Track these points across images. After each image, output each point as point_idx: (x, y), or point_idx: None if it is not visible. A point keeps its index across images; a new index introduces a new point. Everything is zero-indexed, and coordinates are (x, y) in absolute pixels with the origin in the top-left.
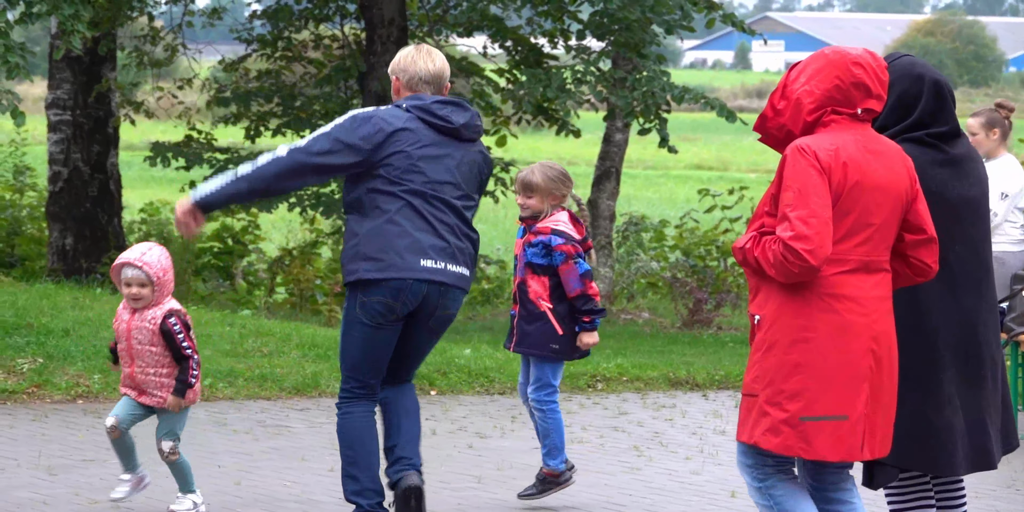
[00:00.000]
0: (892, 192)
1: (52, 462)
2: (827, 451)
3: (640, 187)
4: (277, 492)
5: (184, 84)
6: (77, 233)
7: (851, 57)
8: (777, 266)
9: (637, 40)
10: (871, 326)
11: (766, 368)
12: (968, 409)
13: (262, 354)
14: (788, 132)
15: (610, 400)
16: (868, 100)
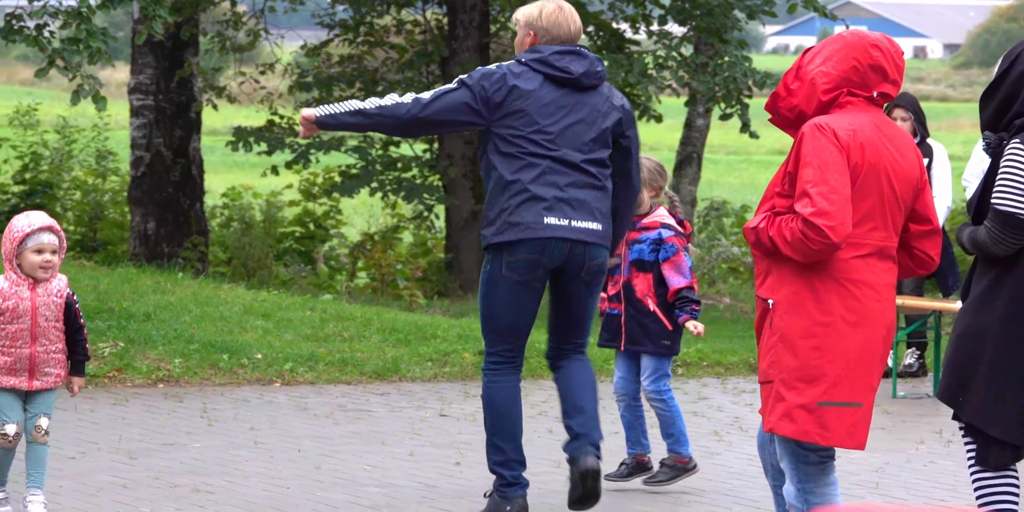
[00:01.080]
0: (905, 178)
1: (132, 446)
2: (844, 438)
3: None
4: (357, 476)
5: (266, 69)
6: (159, 217)
7: (870, 40)
8: (795, 244)
9: (719, 25)
10: (885, 314)
11: (782, 354)
12: None
13: (343, 338)
14: (800, 113)
15: (690, 385)
16: (884, 84)
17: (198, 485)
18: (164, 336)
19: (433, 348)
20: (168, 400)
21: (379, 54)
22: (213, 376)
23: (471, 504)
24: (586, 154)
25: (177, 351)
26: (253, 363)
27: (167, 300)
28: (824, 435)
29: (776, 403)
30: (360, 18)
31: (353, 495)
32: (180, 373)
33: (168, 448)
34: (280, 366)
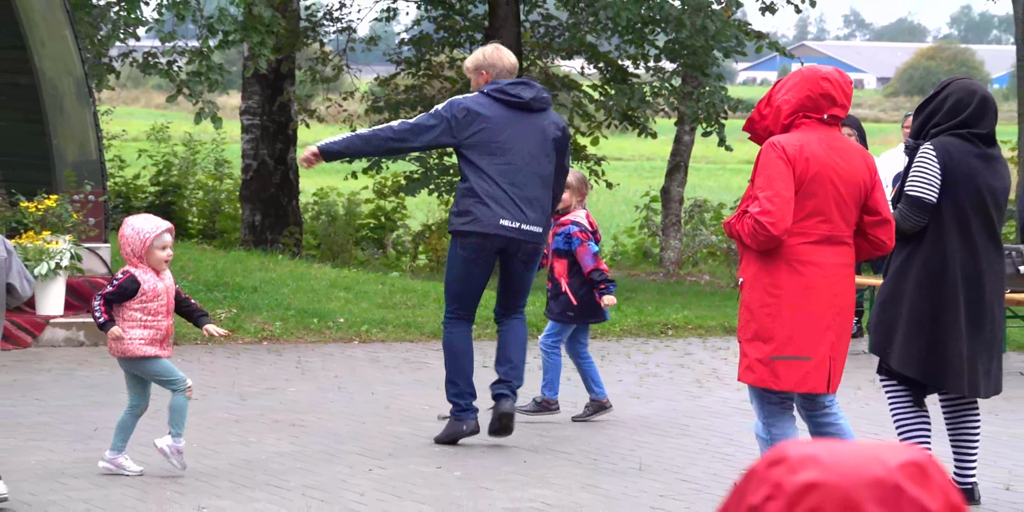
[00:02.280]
0: (852, 182)
1: (242, 390)
2: (793, 384)
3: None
4: (418, 414)
5: (347, 96)
6: (264, 212)
7: (821, 74)
8: (750, 236)
9: (701, 62)
10: (832, 286)
11: (746, 319)
12: (971, 346)
13: (407, 306)
14: (770, 132)
15: (678, 343)
16: (834, 108)
17: (293, 420)
18: (267, 304)
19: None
20: (270, 354)
21: (436, 84)
22: (305, 335)
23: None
24: (533, 159)
25: (277, 316)
26: (337, 325)
27: (269, 276)
28: (776, 382)
29: (742, 358)
30: (421, 56)
31: (415, 428)
32: (280, 333)
33: (270, 391)
34: (358, 328)
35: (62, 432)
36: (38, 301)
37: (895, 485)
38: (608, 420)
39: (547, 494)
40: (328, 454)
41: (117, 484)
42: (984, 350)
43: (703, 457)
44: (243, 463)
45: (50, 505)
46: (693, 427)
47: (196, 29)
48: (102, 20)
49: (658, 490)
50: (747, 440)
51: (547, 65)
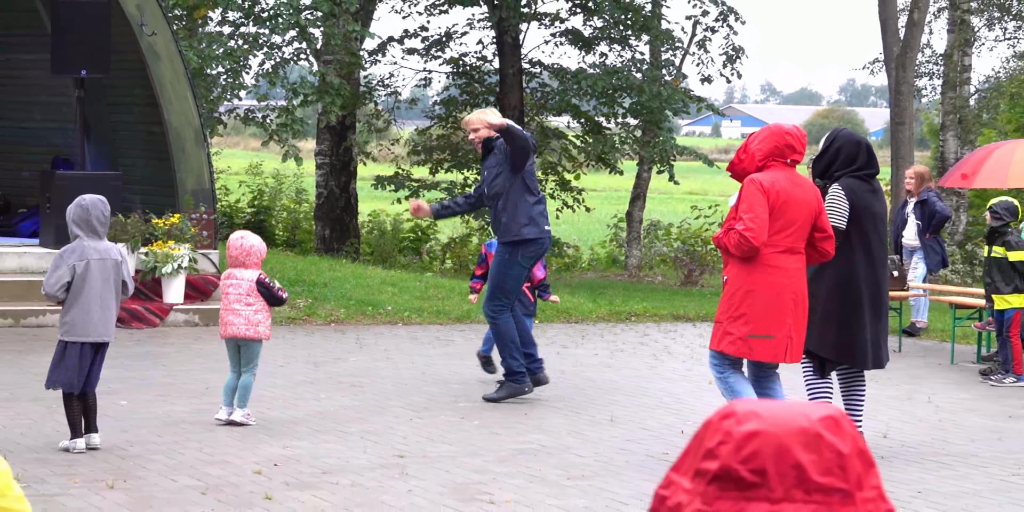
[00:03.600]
0: (806, 207)
1: (316, 359)
2: (762, 355)
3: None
4: (446, 378)
5: (394, 142)
6: (332, 227)
7: (785, 130)
8: (735, 246)
9: (657, 119)
10: (791, 285)
11: (728, 306)
12: (873, 331)
13: (438, 298)
14: (746, 171)
15: (638, 327)
16: (794, 155)
17: (353, 382)
18: (334, 296)
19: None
20: (336, 333)
21: (459, 134)
22: (362, 319)
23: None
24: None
25: (341, 304)
26: (386, 312)
27: (336, 275)
28: (751, 354)
29: (724, 335)
30: (449, 113)
31: (444, 389)
32: (344, 317)
33: (336, 361)
34: (401, 314)
35: (181, 391)
36: (165, 292)
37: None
38: (587, 384)
39: (542, 438)
40: (379, 407)
41: (222, 430)
42: (882, 332)
43: (658, 412)
44: (316, 414)
45: (172, 444)
46: (651, 390)
47: (283, 92)
48: (214, 85)
49: (625, 436)
50: (691, 399)
51: (542, 120)
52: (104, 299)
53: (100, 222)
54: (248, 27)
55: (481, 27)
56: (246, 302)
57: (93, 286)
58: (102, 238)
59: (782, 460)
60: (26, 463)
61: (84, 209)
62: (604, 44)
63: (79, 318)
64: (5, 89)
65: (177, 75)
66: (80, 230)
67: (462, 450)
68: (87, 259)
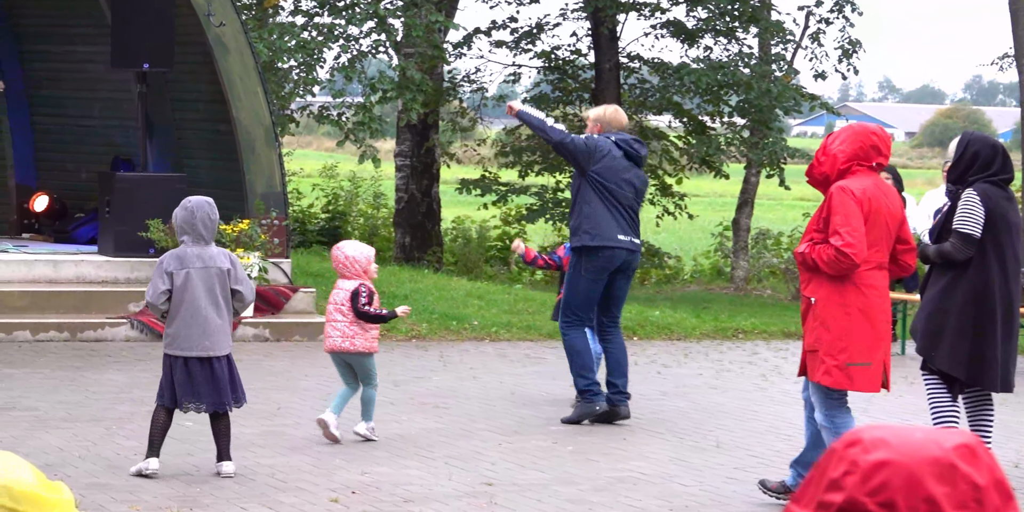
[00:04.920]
0: (893, 217)
1: (396, 378)
2: (863, 386)
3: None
4: (536, 398)
5: (480, 142)
6: (412, 235)
7: (870, 129)
8: (831, 264)
9: (766, 118)
10: (883, 305)
11: (822, 333)
12: (1003, 351)
13: (528, 312)
14: (826, 177)
15: (746, 345)
16: (879, 157)
17: (437, 403)
18: (416, 309)
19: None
20: (418, 350)
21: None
22: (446, 335)
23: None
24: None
25: (424, 319)
26: (472, 327)
27: (417, 287)
28: (852, 385)
29: (819, 365)
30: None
31: (535, 411)
32: (426, 333)
33: (418, 380)
34: (489, 329)
35: (251, 411)
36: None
37: (950, 463)
38: (691, 406)
39: (643, 465)
40: (465, 430)
41: (296, 454)
42: (1012, 353)
43: (768, 437)
44: (397, 437)
45: (242, 469)
46: (760, 413)
47: (360, 88)
48: (286, 80)
49: (732, 464)
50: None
51: (641, 120)
52: (208, 310)
53: (206, 226)
54: (323, 17)
55: (575, 18)
56: (341, 313)
57: (195, 296)
58: (209, 244)
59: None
60: (84, 488)
61: (189, 212)
62: (709, 37)
63: (180, 331)
64: (63, 84)
65: (246, 69)
66: (184, 235)
67: (555, 478)
68: (187, 268)
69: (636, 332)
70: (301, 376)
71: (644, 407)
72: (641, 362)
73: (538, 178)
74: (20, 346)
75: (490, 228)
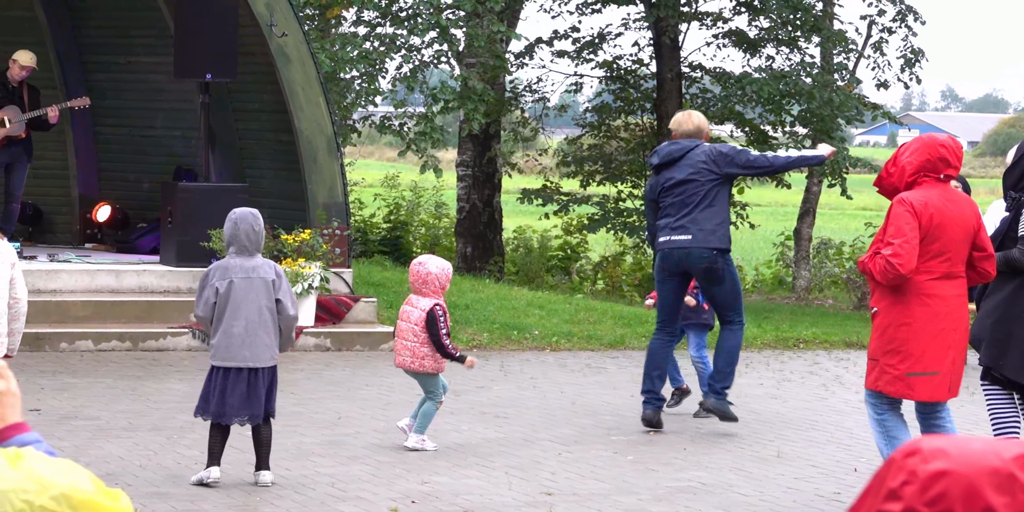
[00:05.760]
0: (963, 227)
1: (456, 388)
2: (924, 395)
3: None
4: (598, 408)
5: (542, 152)
6: (474, 245)
7: (939, 141)
8: (881, 273)
9: (828, 127)
10: (951, 314)
11: (883, 342)
12: None
13: (589, 322)
14: (895, 187)
15: (807, 355)
16: (948, 169)
17: (497, 413)
18: (476, 319)
19: (645, 329)
20: (479, 359)
21: (613, 144)
22: (507, 345)
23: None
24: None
25: (484, 328)
26: (532, 337)
27: (478, 296)
28: (911, 394)
29: (881, 374)
30: (601, 121)
31: (596, 421)
32: (487, 342)
33: (479, 390)
34: (549, 339)
35: (312, 420)
36: None
37: (1010, 474)
38: (752, 416)
39: (703, 475)
40: (525, 440)
41: (356, 463)
42: None
43: (829, 447)
44: (457, 447)
45: (302, 478)
46: (821, 423)
47: (422, 98)
48: (348, 90)
49: (793, 473)
50: (865, 434)
51: None
52: (251, 321)
53: (249, 238)
54: (385, 27)
55: (637, 28)
56: (413, 333)
57: (238, 307)
58: (253, 255)
59: (972, 503)
60: (145, 497)
61: (233, 223)
62: (771, 46)
63: (222, 341)
64: (126, 94)
65: (309, 79)
66: (230, 246)
67: (615, 487)
68: (230, 278)
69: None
70: (362, 386)
71: (704, 417)
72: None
73: (600, 188)
74: (82, 356)
75: (551, 238)
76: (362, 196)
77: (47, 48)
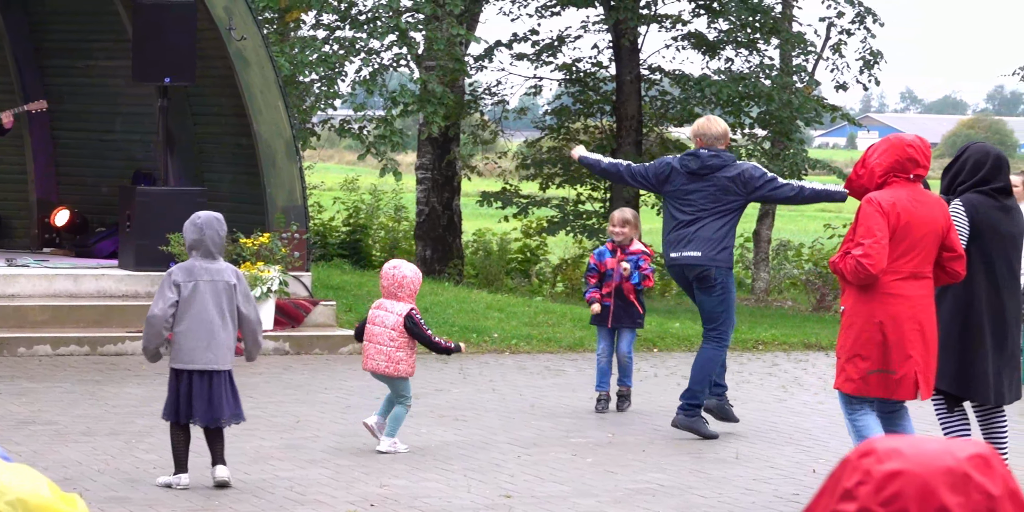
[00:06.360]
0: (932, 227)
1: (416, 391)
2: (880, 391)
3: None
4: (557, 411)
5: (501, 155)
6: (433, 248)
7: (907, 141)
8: (852, 273)
9: (787, 130)
10: (916, 315)
11: (847, 341)
12: (996, 364)
13: (548, 324)
14: (865, 188)
15: (766, 356)
16: (917, 169)
17: (456, 416)
18: (436, 321)
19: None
20: (438, 362)
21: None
22: (467, 347)
23: (621, 425)
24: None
25: (443, 331)
26: (491, 340)
27: (438, 299)
28: (869, 391)
29: (841, 372)
30: (561, 123)
31: (555, 423)
32: None
33: (438, 392)
34: (508, 341)
35: (271, 424)
36: None
37: (964, 473)
38: (711, 418)
39: (662, 477)
40: (484, 443)
41: (315, 466)
42: (1006, 365)
43: (787, 449)
44: (415, 450)
45: (260, 482)
46: (779, 424)
47: (382, 101)
48: (307, 93)
49: (751, 475)
50: (823, 435)
51: (662, 131)
52: (213, 324)
53: (214, 242)
54: (344, 31)
55: (596, 30)
56: (389, 337)
57: (201, 309)
58: (217, 259)
59: (926, 503)
60: (103, 502)
61: (197, 227)
62: (730, 48)
63: (184, 344)
64: (84, 98)
65: (267, 83)
66: (193, 250)
67: (574, 490)
68: (196, 280)
69: (656, 344)
70: (320, 389)
71: (663, 419)
72: (661, 374)
73: (559, 190)
74: (40, 360)
75: (511, 241)
76: (321, 199)
77: (5, 52)
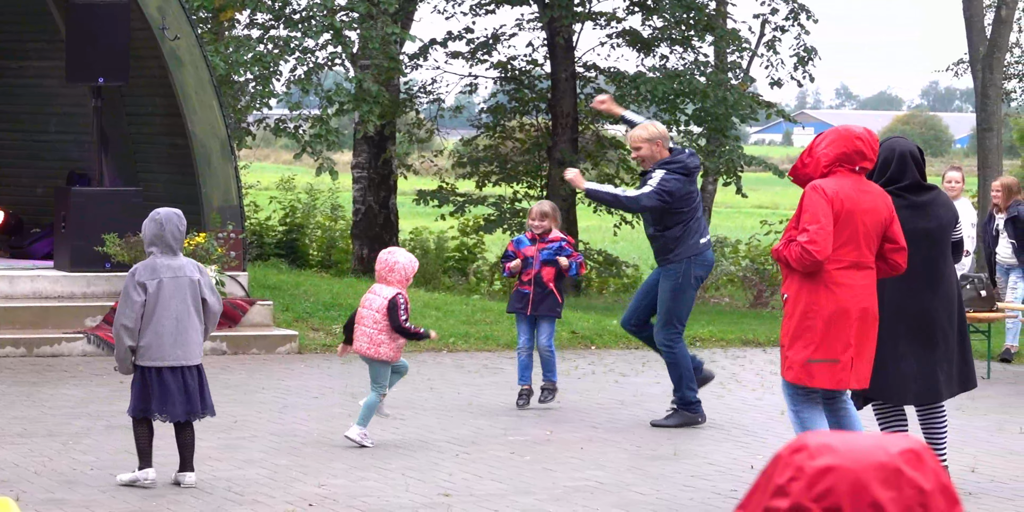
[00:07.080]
0: (874, 217)
1: (354, 390)
2: (823, 382)
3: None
4: (494, 408)
5: (438, 153)
6: (370, 246)
7: (855, 134)
8: (797, 260)
9: (722, 126)
10: (858, 304)
11: (789, 329)
12: (921, 362)
13: (486, 323)
14: (809, 177)
15: (704, 353)
16: (863, 161)
17: (395, 414)
18: None
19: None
20: None
21: (509, 144)
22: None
23: (559, 423)
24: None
25: None
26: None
27: None
28: (811, 380)
29: (783, 361)
30: (497, 121)
31: (493, 421)
32: None
33: None
34: (446, 340)
35: (207, 424)
36: None
37: (896, 468)
38: (649, 415)
39: (600, 475)
40: (422, 442)
41: (253, 466)
42: (944, 360)
43: (726, 445)
44: (354, 449)
45: (198, 482)
46: (718, 420)
47: (317, 100)
48: (242, 93)
49: (689, 471)
50: (762, 431)
51: (598, 129)
52: (181, 320)
53: (175, 238)
54: (278, 30)
55: (531, 28)
56: (374, 320)
57: (167, 306)
58: (177, 255)
59: (859, 498)
60: (40, 504)
61: (158, 224)
62: (664, 46)
63: (152, 341)
64: (18, 99)
65: (202, 83)
66: (153, 247)
67: (512, 488)
68: (159, 277)
69: (594, 341)
70: (258, 389)
71: (601, 416)
72: (599, 371)
73: (495, 188)
74: None
75: (448, 239)
76: (257, 199)
77: None
